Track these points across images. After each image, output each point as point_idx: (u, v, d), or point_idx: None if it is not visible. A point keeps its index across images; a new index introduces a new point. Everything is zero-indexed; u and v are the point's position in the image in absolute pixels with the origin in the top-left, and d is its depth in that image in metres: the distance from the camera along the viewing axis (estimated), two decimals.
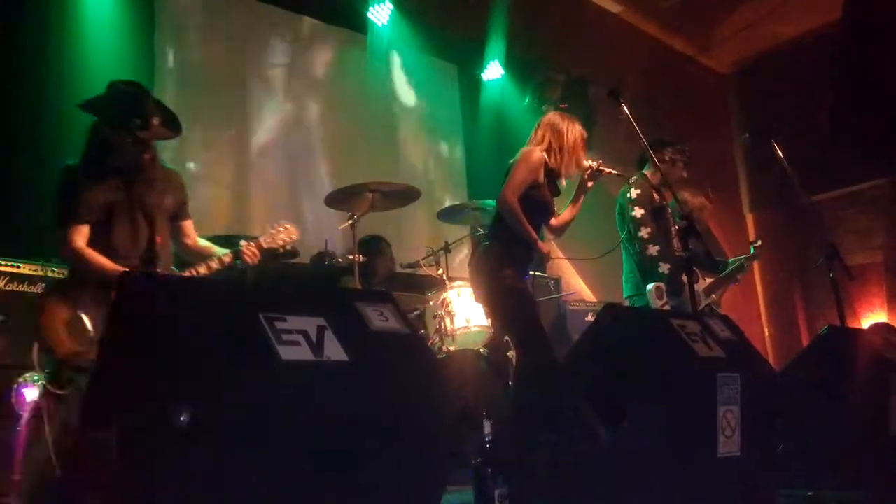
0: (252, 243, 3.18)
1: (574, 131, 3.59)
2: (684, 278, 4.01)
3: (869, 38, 7.24)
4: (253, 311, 1.85)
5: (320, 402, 1.81)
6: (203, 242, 3.25)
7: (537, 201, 3.49)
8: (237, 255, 3.13)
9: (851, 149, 7.48)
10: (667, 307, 3.92)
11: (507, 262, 3.40)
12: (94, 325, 2.78)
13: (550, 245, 3.57)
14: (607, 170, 3.66)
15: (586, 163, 3.62)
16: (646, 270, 4.00)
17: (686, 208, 3.80)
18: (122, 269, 2.84)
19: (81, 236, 2.87)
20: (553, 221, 3.72)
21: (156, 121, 2.93)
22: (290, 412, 1.74)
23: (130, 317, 1.83)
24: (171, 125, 3.02)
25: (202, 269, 3.07)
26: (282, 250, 3.27)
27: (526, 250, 3.46)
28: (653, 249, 3.98)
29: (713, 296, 4.52)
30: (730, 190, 8.91)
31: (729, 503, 2.59)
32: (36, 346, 2.76)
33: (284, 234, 3.27)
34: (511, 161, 3.54)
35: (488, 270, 3.43)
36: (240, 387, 1.69)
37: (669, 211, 4.21)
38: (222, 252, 3.16)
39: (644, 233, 4.01)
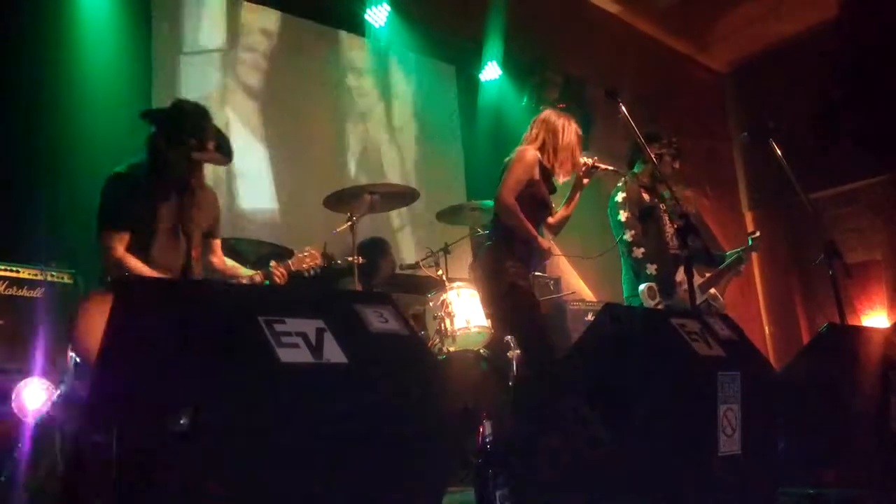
0: (281, 265, 3.26)
1: (570, 129, 3.58)
2: (678, 277, 4.03)
3: (866, 35, 7.26)
4: (252, 313, 1.85)
5: (320, 405, 1.81)
6: (230, 262, 3.30)
7: (535, 199, 3.49)
8: (268, 275, 3.20)
9: (850, 146, 7.49)
10: (660, 307, 3.93)
11: (509, 261, 3.39)
12: None
13: (550, 243, 3.57)
14: (603, 166, 3.66)
15: (582, 160, 3.62)
16: (636, 272, 4.04)
17: (677, 204, 3.82)
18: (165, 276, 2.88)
19: (122, 243, 2.89)
20: (550, 220, 3.71)
21: (211, 144, 2.98)
22: (289, 415, 1.74)
23: (130, 320, 1.83)
24: (225, 151, 3.07)
25: None
26: (307, 274, 3.35)
27: (526, 248, 3.45)
28: (638, 251, 4.02)
29: (713, 291, 4.52)
30: (728, 188, 8.92)
31: (730, 502, 2.59)
32: (70, 353, 2.76)
33: (311, 260, 3.37)
34: (506, 160, 3.53)
35: (489, 270, 3.43)
36: (239, 389, 1.69)
37: (663, 209, 4.22)
38: (250, 272, 3.22)
39: (629, 236, 4.05)
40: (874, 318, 7.59)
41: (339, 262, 4.55)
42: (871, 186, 7.98)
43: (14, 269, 3.68)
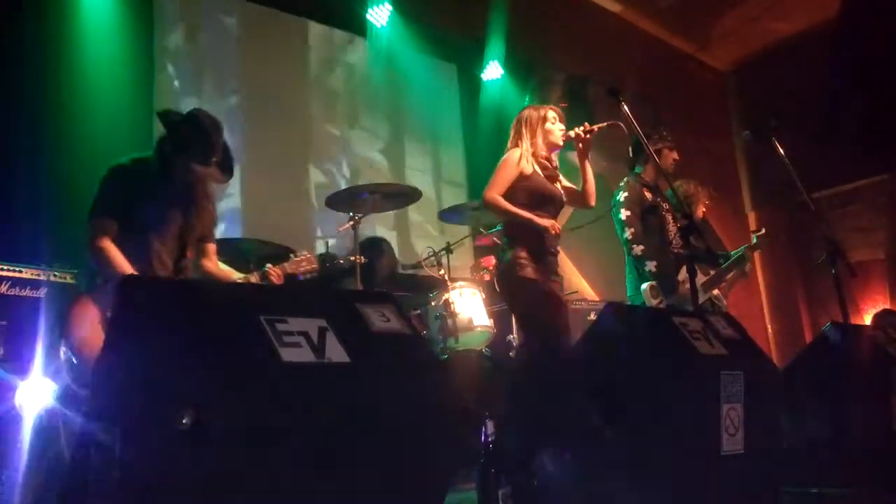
0: (277, 268, 3.27)
1: (536, 112, 3.65)
2: (680, 276, 4.03)
3: (868, 33, 7.24)
4: (254, 312, 1.84)
5: (322, 404, 1.81)
6: (224, 267, 3.31)
7: (534, 192, 3.49)
8: (263, 276, 3.22)
9: (852, 145, 7.48)
10: (662, 306, 3.94)
11: (521, 257, 3.39)
12: None
13: (552, 221, 3.53)
14: (595, 128, 3.60)
15: (571, 133, 3.61)
16: (637, 270, 4.06)
17: (679, 201, 3.83)
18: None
19: (108, 233, 2.89)
20: (575, 194, 3.69)
21: (214, 160, 2.99)
22: (291, 414, 1.73)
23: (133, 319, 1.83)
24: (225, 170, 3.08)
25: None
26: (301, 277, 3.37)
27: (537, 237, 3.44)
28: (637, 249, 4.03)
29: (716, 291, 4.52)
30: (731, 188, 8.91)
31: (733, 501, 2.59)
32: (63, 346, 2.77)
33: (307, 264, 3.37)
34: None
35: (504, 268, 3.45)
36: (241, 389, 1.68)
37: (666, 208, 4.23)
38: (242, 275, 3.24)
39: (628, 233, 4.06)
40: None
41: (340, 261, 4.55)
42: (874, 185, 7.97)
43: (16, 269, 3.68)
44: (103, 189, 2.95)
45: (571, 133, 3.59)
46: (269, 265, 3.26)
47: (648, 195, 4.19)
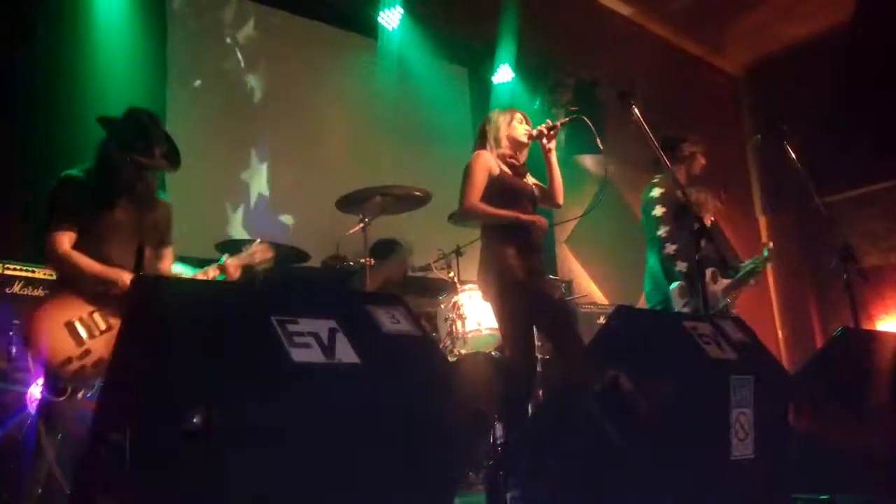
0: (235, 259, 3.30)
1: (503, 116, 3.72)
2: (707, 278, 4.03)
3: (881, 37, 7.20)
4: (264, 313, 1.85)
5: (332, 405, 1.82)
6: (176, 270, 3.33)
7: (505, 190, 3.52)
8: (223, 269, 3.25)
9: (865, 149, 7.44)
10: (687, 308, 3.93)
11: (507, 254, 3.39)
12: (87, 332, 2.81)
13: (539, 217, 3.56)
14: (558, 124, 3.64)
15: (534, 130, 3.63)
16: (666, 269, 4.03)
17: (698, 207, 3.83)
18: (114, 268, 2.91)
19: (68, 241, 2.94)
20: (541, 196, 3.71)
21: (158, 150, 3.02)
22: (301, 414, 1.74)
23: (143, 319, 1.84)
24: (172, 159, 3.10)
25: None
26: (258, 268, 3.40)
27: (522, 233, 3.44)
28: (670, 248, 4.01)
29: (728, 298, 4.50)
30: (742, 192, 8.86)
31: None
32: (29, 355, 2.78)
33: (260, 254, 3.38)
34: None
35: (488, 269, 3.46)
36: (252, 389, 1.69)
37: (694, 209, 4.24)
38: (197, 271, 3.27)
39: (662, 231, 4.03)
40: (889, 323, 7.53)
41: (350, 263, 4.57)
42: (886, 190, 7.93)
43: (29, 269, 3.72)
44: (56, 200, 2.99)
45: (534, 131, 3.61)
46: (226, 256, 3.30)
47: (681, 195, 4.20)
